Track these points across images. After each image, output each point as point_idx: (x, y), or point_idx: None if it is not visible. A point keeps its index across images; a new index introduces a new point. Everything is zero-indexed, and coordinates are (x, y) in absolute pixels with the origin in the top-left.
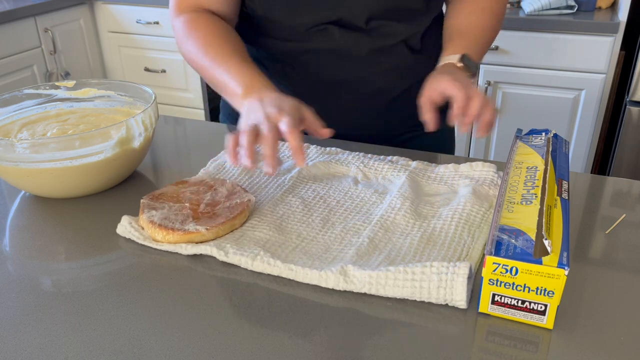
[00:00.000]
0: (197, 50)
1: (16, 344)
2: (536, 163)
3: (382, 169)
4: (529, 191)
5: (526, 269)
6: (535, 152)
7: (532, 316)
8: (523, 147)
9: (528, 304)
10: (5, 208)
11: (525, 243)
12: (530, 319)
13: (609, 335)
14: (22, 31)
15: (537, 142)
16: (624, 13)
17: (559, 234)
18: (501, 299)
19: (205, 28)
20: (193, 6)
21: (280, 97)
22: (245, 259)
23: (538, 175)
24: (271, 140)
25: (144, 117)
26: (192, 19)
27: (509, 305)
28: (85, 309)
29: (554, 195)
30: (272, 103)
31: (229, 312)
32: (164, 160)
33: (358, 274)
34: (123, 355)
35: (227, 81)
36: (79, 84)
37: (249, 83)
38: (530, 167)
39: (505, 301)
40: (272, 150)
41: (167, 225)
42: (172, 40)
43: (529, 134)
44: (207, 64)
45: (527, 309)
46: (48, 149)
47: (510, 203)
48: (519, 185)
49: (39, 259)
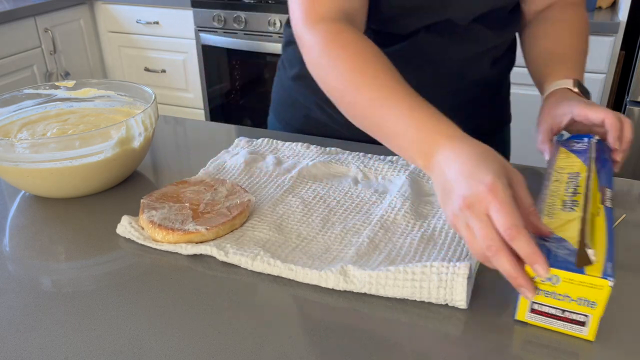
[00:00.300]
0: (349, 82)
1: (16, 344)
2: (578, 169)
3: (382, 169)
4: (570, 198)
5: (568, 278)
6: (577, 157)
7: (571, 326)
8: (564, 153)
9: (568, 313)
10: (5, 208)
11: (567, 251)
12: (569, 329)
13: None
14: (22, 31)
15: (579, 147)
16: (624, 13)
17: (602, 244)
18: (540, 308)
19: (355, 49)
20: (335, 11)
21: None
22: (245, 259)
23: (580, 182)
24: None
25: (144, 117)
26: (336, 34)
27: (548, 314)
28: (85, 309)
29: (597, 203)
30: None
31: (229, 312)
32: (164, 160)
33: (358, 274)
34: (123, 355)
35: (400, 133)
36: (79, 84)
37: (432, 138)
38: (572, 174)
39: (544, 310)
40: (515, 269)
41: (167, 225)
42: (172, 40)
43: (570, 139)
44: (365, 102)
45: (567, 319)
46: (48, 149)
47: (551, 209)
48: (560, 191)
49: (39, 259)
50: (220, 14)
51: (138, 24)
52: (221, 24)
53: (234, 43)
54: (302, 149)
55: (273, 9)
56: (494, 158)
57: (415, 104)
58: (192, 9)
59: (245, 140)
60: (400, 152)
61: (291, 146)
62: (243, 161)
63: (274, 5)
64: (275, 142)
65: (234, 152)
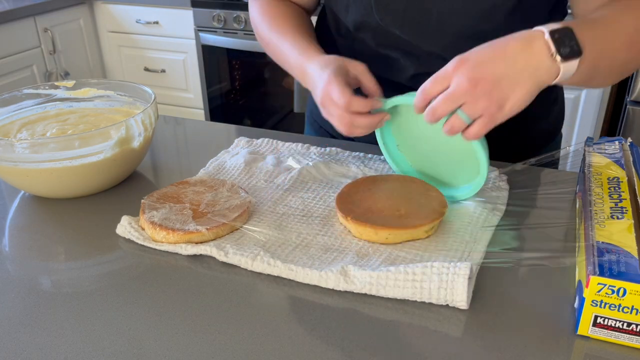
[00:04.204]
0: (267, 29)
1: (16, 344)
2: (617, 174)
3: (382, 169)
4: (617, 204)
5: (635, 290)
6: (613, 162)
7: (638, 339)
8: (598, 157)
9: (634, 326)
10: (5, 208)
11: (629, 262)
12: (636, 342)
13: None
14: (21, 31)
15: (612, 150)
16: None
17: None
18: (604, 321)
19: (276, 9)
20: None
21: (324, 69)
22: (245, 259)
23: (623, 187)
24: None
25: (144, 117)
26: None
27: (613, 328)
28: (85, 309)
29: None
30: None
31: (229, 312)
32: (164, 160)
33: (358, 274)
34: (123, 355)
35: (292, 62)
36: (79, 84)
37: (303, 62)
38: (611, 179)
39: (609, 323)
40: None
41: (167, 225)
42: (172, 40)
43: (600, 142)
44: (273, 38)
45: (633, 332)
46: (48, 149)
47: (600, 217)
48: (605, 198)
49: (39, 259)
50: (220, 14)
51: (138, 23)
52: (221, 24)
53: (234, 43)
54: (302, 149)
55: None
56: (334, 62)
57: (300, 39)
58: (192, 9)
59: (245, 140)
60: (295, 76)
61: (291, 146)
62: (243, 161)
63: None
64: (275, 142)
65: (234, 152)
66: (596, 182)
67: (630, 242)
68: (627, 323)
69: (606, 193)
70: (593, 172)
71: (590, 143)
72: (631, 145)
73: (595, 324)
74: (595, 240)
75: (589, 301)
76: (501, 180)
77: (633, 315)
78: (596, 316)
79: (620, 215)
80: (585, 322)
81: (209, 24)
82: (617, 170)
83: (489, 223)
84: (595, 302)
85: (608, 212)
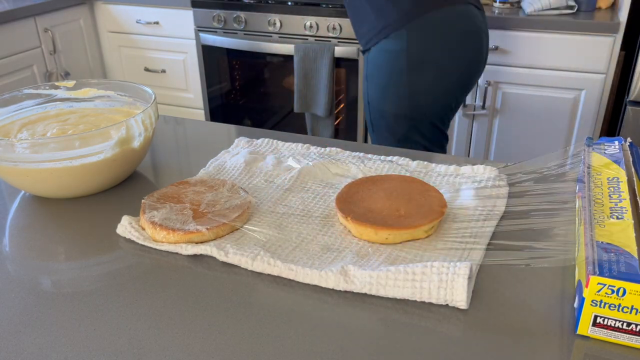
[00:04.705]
0: None
1: (16, 344)
2: (617, 174)
3: (382, 169)
4: (616, 204)
5: (635, 290)
6: (613, 162)
7: (637, 339)
8: (598, 157)
9: (634, 326)
10: (5, 208)
11: (629, 262)
12: (636, 342)
13: None
14: (21, 31)
15: (612, 151)
16: (624, 13)
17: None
18: (604, 321)
19: None
20: None
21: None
22: (245, 259)
23: (622, 187)
24: None
25: (144, 117)
26: None
27: (613, 328)
28: (85, 309)
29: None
30: None
31: (229, 312)
32: (164, 160)
33: (358, 274)
34: (123, 355)
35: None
36: (79, 84)
37: None
38: (611, 179)
39: (608, 323)
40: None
41: (167, 225)
42: (172, 40)
43: (600, 142)
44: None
45: (632, 332)
46: (48, 149)
47: (600, 217)
48: (604, 198)
49: (39, 259)
50: (220, 14)
51: (138, 24)
52: (221, 24)
53: (234, 43)
54: (302, 149)
55: (273, 9)
56: None
57: None
58: (192, 9)
59: (245, 140)
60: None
61: (291, 146)
62: (243, 161)
63: (274, 5)
64: (275, 142)
65: (234, 152)
66: (596, 182)
67: (630, 242)
68: (626, 323)
69: (606, 193)
70: (593, 172)
71: (590, 143)
72: (631, 145)
73: (595, 324)
74: (595, 240)
75: (588, 301)
76: (501, 180)
77: (633, 315)
78: (596, 316)
79: (620, 215)
80: (585, 322)
81: (209, 24)
82: (616, 171)
83: (488, 223)
84: (595, 302)
85: (608, 212)
